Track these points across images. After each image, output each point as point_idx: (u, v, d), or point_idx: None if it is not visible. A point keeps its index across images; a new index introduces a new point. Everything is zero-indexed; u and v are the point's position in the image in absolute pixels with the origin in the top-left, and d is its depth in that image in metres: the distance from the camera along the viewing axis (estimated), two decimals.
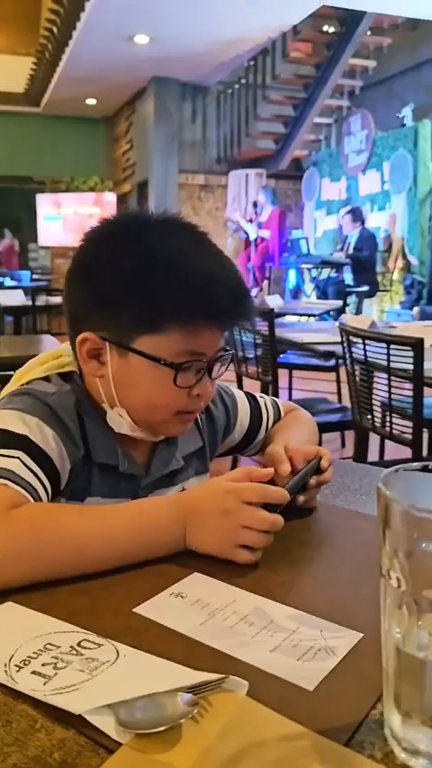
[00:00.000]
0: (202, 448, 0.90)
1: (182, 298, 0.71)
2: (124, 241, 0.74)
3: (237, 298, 0.75)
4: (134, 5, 6.32)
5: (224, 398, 0.94)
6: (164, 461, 0.84)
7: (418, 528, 0.39)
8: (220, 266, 0.74)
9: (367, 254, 6.46)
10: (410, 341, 1.53)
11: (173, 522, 0.67)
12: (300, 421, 1.00)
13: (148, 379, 0.74)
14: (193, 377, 0.75)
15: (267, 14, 6.55)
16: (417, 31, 8.05)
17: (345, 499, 0.85)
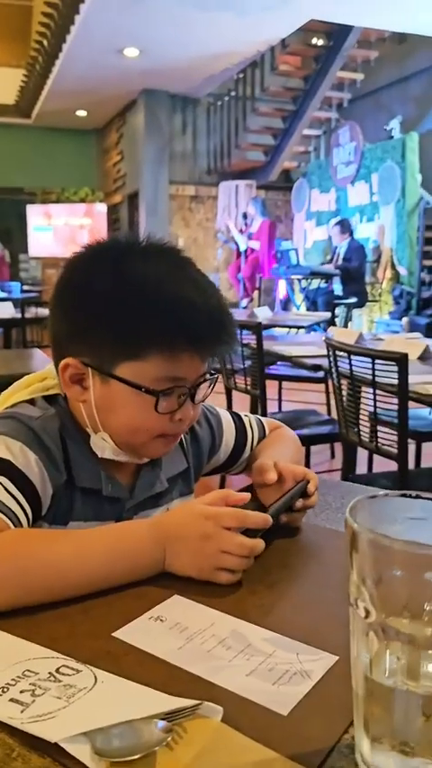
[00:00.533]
0: (187, 469, 0.91)
1: (161, 325, 0.72)
2: (105, 268, 0.75)
3: (217, 324, 0.75)
4: (123, 19, 6.38)
5: (209, 419, 0.95)
6: (148, 484, 0.84)
7: (384, 557, 0.40)
8: (202, 292, 0.74)
9: (356, 265, 6.52)
10: (395, 356, 1.55)
11: (152, 545, 0.68)
12: (284, 439, 1.01)
13: (129, 404, 0.74)
14: (175, 402, 0.75)
15: (256, 28, 6.62)
16: (403, 45, 8.16)
17: (326, 518, 0.86)
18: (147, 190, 9.03)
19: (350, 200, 7.61)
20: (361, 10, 6.27)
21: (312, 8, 6.18)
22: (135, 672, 0.53)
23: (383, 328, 6.18)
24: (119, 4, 6.04)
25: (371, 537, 0.39)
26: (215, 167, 9.17)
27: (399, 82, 8.53)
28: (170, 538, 0.68)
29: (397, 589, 0.41)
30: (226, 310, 0.78)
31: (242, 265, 7.16)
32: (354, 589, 0.42)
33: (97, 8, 6.13)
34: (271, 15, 6.28)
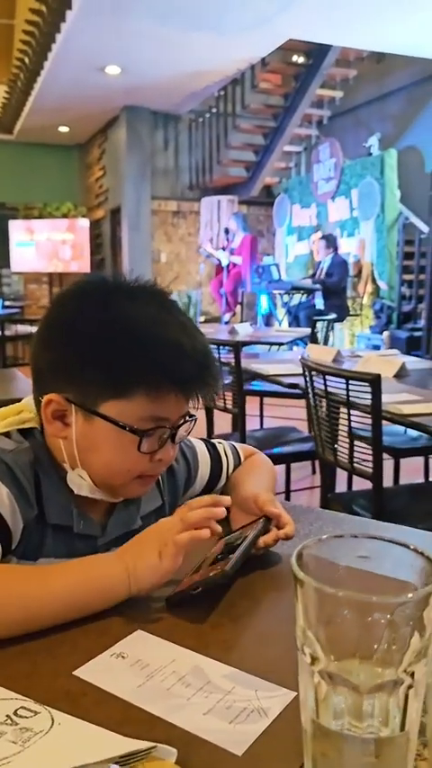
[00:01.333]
0: (162, 506, 0.91)
1: (149, 366, 0.73)
2: (93, 306, 0.75)
3: (203, 367, 0.76)
4: (104, 38, 6.44)
5: (184, 452, 0.95)
6: (121, 522, 0.84)
7: (328, 604, 0.41)
8: (189, 335, 0.76)
9: (336, 280, 6.58)
10: (368, 377, 1.57)
11: (115, 560, 0.70)
12: (259, 466, 1.02)
13: (111, 443, 0.75)
14: (156, 442, 0.76)
15: (235, 48, 6.71)
16: (381, 64, 8.31)
17: (293, 545, 0.87)
18: (129, 205, 9.07)
19: (331, 216, 7.70)
20: (339, 30, 6.39)
21: (291, 28, 6.28)
22: (93, 712, 0.53)
23: (365, 342, 6.23)
24: (99, 24, 6.10)
25: (315, 585, 0.40)
26: (197, 183, 9.24)
27: (377, 100, 8.68)
28: (131, 546, 0.71)
29: (342, 635, 0.41)
30: (210, 353, 0.80)
31: (224, 280, 7.20)
32: (300, 634, 0.42)
33: (78, 27, 6.18)
34: (250, 35, 6.38)
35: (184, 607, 0.69)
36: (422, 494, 2.00)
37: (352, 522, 0.96)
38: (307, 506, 1.02)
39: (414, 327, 5.82)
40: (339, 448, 1.76)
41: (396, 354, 2.97)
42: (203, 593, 0.69)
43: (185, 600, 0.69)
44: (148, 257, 9.30)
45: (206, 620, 0.67)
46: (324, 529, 0.92)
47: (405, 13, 5.75)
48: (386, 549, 0.46)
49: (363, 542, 0.47)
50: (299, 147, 9.22)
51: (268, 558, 0.81)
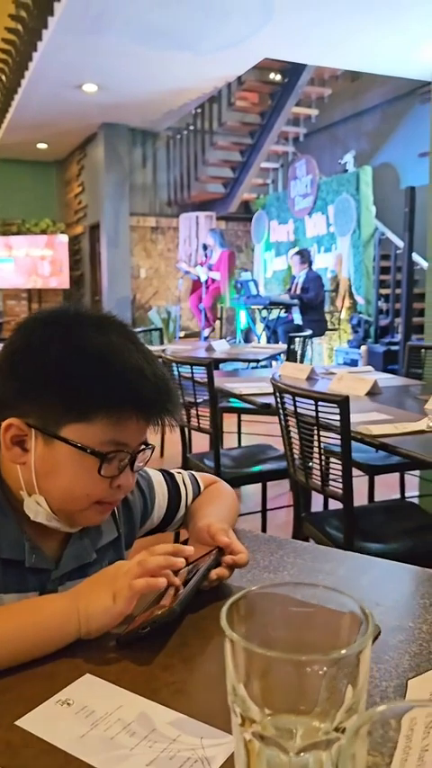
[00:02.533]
0: (118, 538, 0.90)
1: (111, 389, 0.73)
2: (57, 332, 0.76)
3: (164, 392, 0.77)
4: (81, 56, 6.48)
5: (140, 483, 0.94)
6: (75, 554, 0.83)
7: (258, 662, 0.40)
8: (149, 362, 0.77)
9: (313, 295, 6.64)
10: (337, 399, 1.57)
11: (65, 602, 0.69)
12: (218, 495, 1.02)
13: (71, 466, 0.74)
14: (116, 468, 0.76)
15: (212, 66, 6.78)
16: (356, 82, 8.47)
17: (252, 578, 0.86)
18: (107, 221, 9.08)
19: (308, 231, 7.77)
20: (313, 49, 6.49)
21: (266, 47, 6.37)
22: (33, 765, 0.51)
23: (343, 356, 6.28)
24: (76, 42, 6.13)
25: (244, 645, 0.39)
26: (175, 199, 9.29)
27: (352, 117, 8.82)
28: (84, 587, 0.71)
29: (276, 690, 0.41)
30: (170, 380, 0.81)
31: (203, 296, 7.22)
32: (230, 691, 0.42)
33: (55, 46, 6.21)
34: (226, 54, 6.45)
35: (135, 647, 0.68)
36: (394, 512, 2.00)
37: (314, 551, 0.95)
38: (269, 535, 1.01)
39: (391, 342, 5.88)
40: (309, 469, 1.75)
41: (370, 371, 2.99)
42: (156, 631, 0.68)
43: (136, 639, 0.68)
44: (128, 273, 9.31)
45: (156, 661, 0.66)
46: (285, 559, 0.92)
47: (379, 33, 5.86)
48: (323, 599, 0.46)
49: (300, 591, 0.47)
50: (276, 164, 9.33)
51: (222, 591, 0.80)
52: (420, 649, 0.68)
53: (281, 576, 0.86)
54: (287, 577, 0.86)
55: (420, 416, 1.87)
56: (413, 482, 3.17)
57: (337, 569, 0.88)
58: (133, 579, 0.68)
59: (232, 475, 2.48)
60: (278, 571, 0.88)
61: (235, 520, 1.00)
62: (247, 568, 0.89)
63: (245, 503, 3.47)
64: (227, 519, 0.95)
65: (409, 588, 0.84)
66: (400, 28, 5.67)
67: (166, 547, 0.72)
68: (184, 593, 0.70)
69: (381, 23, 5.67)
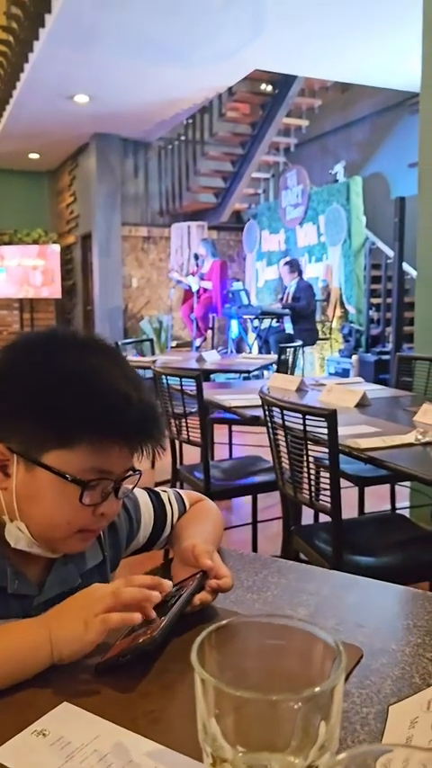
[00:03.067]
0: (103, 562, 0.88)
1: (96, 416, 0.72)
2: (41, 356, 0.75)
3: (149, 420, 0.76)
4: (72, 67, 6.50)
5: (126, 505, 0.93)
6: (59, 580, 0.82)
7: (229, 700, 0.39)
8: (136, 388, 0.76)
9: (305, 304, 6.66)
10: (324, 413, 1.57)
11: (36, 626, 0.68)
12: (205, 514, 1.01)
13: (53, 494, 0.73)
14: (99, 495, 0.75)
15: (203, 77, 6.82)
16: (346, 93, 8.54)
17: (236, 599, 0.85)
18: (99, 231, 9.09)
19: (299, 241, 7.80)
20: (303, 61, 6.55)
21: (256, 59, 6.42)
22: None
23: (334, 366, 6.29)
24: (67, 54, 6.16)
25: (215, 684, 0.39)
26: (167, 209, 9.32)
27: (343, 128, 8.89)
28: (56, 612, 0.69)
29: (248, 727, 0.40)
30: (156, 407, 0.80)
31: (195, 305, 7.23)
32: (201, 728, 0.41)
33: (46, 57, 6.23)
34: (217, 66, 6.50)
35: (114, 674, 0.67)
36: (384, 525, 1.99)
37: (298, 570, 0.94)
38: (254, 554, 1.00)
39: (382, 351, 5.89)
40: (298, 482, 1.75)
41: (360, 382, 2.99)
42: (135, 657, 0.67)
43: (115, 667, 0.67)
44: (119, 282, 9.31)
45: (135, 688, 0.65)
46: (269, 579, 0.91)
47: (368, 44, 5.92)
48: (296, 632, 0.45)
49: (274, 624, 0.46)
50: (267, 174, 9.38)
51: (205, 614, 0.79)
52: (402, 673, 0.67)
53: (264, 597, 0.86)
54: (270, 598, 0.85)
55: (409, 429, 1.87)
56: (404, 493, 3.17)
57: (321, 589, 0.87)
58: (106, 609, 0.66)
59: (222, 487, 2.47)
60: (262, 591, 0.87)
61: (220, 539, 0.99)
62: (232, 589, 0.88)
63: (236, 514, 3.46)
64: (212, 539, 0.94)
65: (394, 608, 0.83)
66: (389, 41, 5.73)
67: (144, 579, 0.71)
68: (167, 621, 0.69)
69: (369, 36, 5.73)
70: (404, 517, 2.08)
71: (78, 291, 10.57)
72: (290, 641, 0.44)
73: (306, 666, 0.43)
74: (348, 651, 0.71)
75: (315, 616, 0.80)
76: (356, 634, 0.76)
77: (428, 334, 3.30)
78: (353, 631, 0.76)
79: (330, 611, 0.81)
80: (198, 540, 0.88)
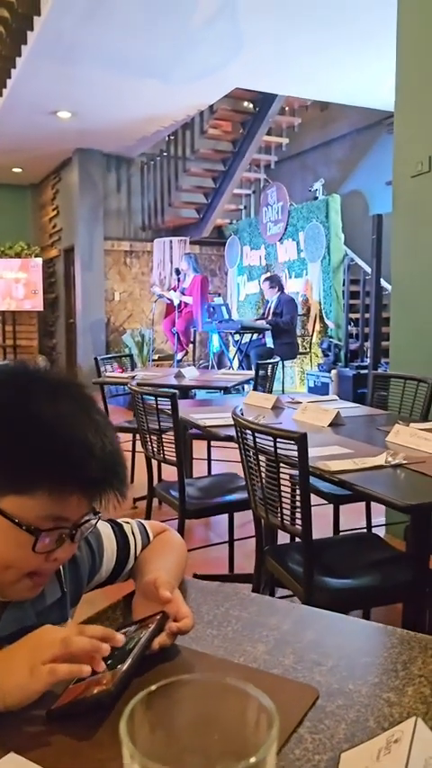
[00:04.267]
0: (62, 598, 0.87)
1: (55, 465, 0.71)
2: (7, 397, 0.73)
3: (110, 471, 0.75)
4: (54, 84, 6.52)
5: (88, 539, 0.92)
6: (14, 618, 0.80)
7: None
8: (100, 436, 0.74)
9: (288, 318, 6.70)
10: (295, 436, 1.57)
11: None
12: (168, 546, 1.00)
13: (5, 539, 0.72)
14: (54, 542, 0.74)
15: (184, 94, 6.88)
16: (325, 112, 8.66)
17: (195, 635, 0.84)
18: (82, 245, 9.09)
19: (280, 257, 7.86)
20: (283, 80, 6.64)
21: (237, 77, 6.49)
22: None
23: (314, 380, 6.32)
24: (49, 71, 6.18)
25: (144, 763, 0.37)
26: (150, 224, 9.35)
27: (322, 146, 9.01)
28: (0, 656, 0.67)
29: None
30: (120, 455, 0.78)
31: (176, 320, 7.24)
32: None
33: (28, 73, 6.25)
34: (197, 84, 6.56)
35: (64, 722, 0.65)
36: (356, 545, 1.99)
37: (260, 603, 0.94)
38: (217, 584, 0.99)
39: (360, 365, 5.94)
40: (270, 504, 1.75)
41: (335, 400, 3.01)
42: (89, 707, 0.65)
43: (67, 715, 0.65)
44: (102, 296, 9.30)
45: (87, 737, 0.64)
46: (230, 612, 0.90)
47: (346, 65, 6.02)
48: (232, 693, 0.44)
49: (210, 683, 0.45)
50: (248, 191, 9.46)
51: (165, 654, 0.78)
52: (357, 716, 0.67)
53: (224, 633, 0.85)
54: (231, 633, 0.85)
55: (381, 450, 1.88)
56: (380, 509, 3.18)
57: (281, 624, 0.87)
58: (54, 657, 0.65)
59: (197, 506, 2.46)
60: (222, 626, 0.87)
61: (183, 571, 0.98)
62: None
63: (215, 530, 3.44)
64: (174, 572, 0.93)
65: (354, 644, 0.83)
66: (366, 61, 5.83)
67: (96, 630, 0.70)
68: (124, 672, 0.68)
69: (347, 56, 5.83)
70: (377, 537, 2.09)
71: (61, 304, 10.53)
72: (225, 702, 0.43)
73: (241, 729, 0.42)
74: (304, 692, 0.71)
75: (274, 653, 0.80)
76: (314, 673, 0.75)
77: (403, 352, 3.33)
78: (310, 670, 0.76)
79: (289, 648, 0.81)
80: (161, 573, 0.87)
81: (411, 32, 3.24)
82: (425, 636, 0.83)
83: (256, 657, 0.79)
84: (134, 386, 2.55)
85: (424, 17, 3.13)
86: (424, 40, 3.14)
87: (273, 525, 1.76)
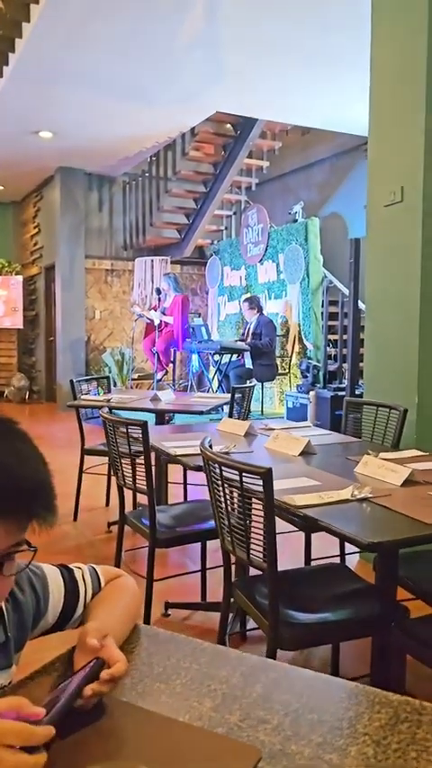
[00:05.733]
0: (5, 643, 0.85)
1: None
2: None
3: (34, 495, 0.74)
4: (36, 104, 6.56)
5: (32, 582, 0.91)
6: None
7: None
8: (22, 461, 0.74)
9: (267, 341, 6.74)
10: (259, 471, 1.57)
11: None
12: (119, 593, 0.98)
13: None
14: None
15: (166, 117, 6.96)
16: (306, 136, 8.79)
17: (143, 690, 0.83)
18: (63, 263, 9.08)
19: (260, 278, 7.93)
20: (263, 105, 6.75)
21: (218, 101, 6.58)
22: None
23: (292, 401, 6.35)
24: (31, 91, 6.21)
25: None
26: (131, 243, 9.38)
27: (303, 169, 9.13)
28: None
29: None
30: (47, 483, 0.77)
31: (156, 339, 7.24)
32: None
33: (9, 94, 6.28)
34: (179, 107, 6.64)
35: None
36: (324, 576, 1.99)
37: (212, 654, 0.92)
38: (170, 633, 0.98)
39: (339, 387, 5.98)
40: (238, 537, 1.74)
41: (309, 427, 3.02)
42: None
43: None
44: (82, 314, 9.28)
45: None
46: (180, 664, 0.89)
47: (326, 91, 6.13)
48: None
49: None
50: (229, 212, 9.55)
51: (108, 713, 0.77)
52: None
53: (172, 687, 0.84)
54: (179, 688, 0.83)
55: (349, 482, 1.88)
56: None
57: (231, 676, 0.86)
58: None
59: (168, 535, 2.44)
60: (171, 680, 0.85)
61: (133, 619, 0.97)
62: (139, 677, 0.86)
63: (190, 556, 3.41)
64: (121, 621, 0.92)
65: (301, 699, 0.82)
66: (344, 87, 5.95)
67: (11, 701, 0.68)
68: (49, 719, 0.66)
69: (325, 83, 5.95)
70: (345, 568, 2.08)
71: (41, 322, 10.49)
72: None
73: None
74: (246, 754, 0.70)
75: (220, 709, 0.79)
76: (258, 731, 0.74)
77: (377, 380, 3.36)
78: (255, 728, 0.75)
79: (236, 704, 0.80)
80: (94, 622, 0.86)
81: (383, 64, 3.31)
82: (374, 689, 0.83)
83: (201, 715, 0.78)
84: (105, 413, 2.54)
85: (395, 48, 3.21)
86: (395, 71, 3.21)
87: (239, 559, 1.75)
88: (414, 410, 3.01)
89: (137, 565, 3.20)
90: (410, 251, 3.08)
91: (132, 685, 0.84)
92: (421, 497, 1.72)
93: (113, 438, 2.51)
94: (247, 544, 1.69)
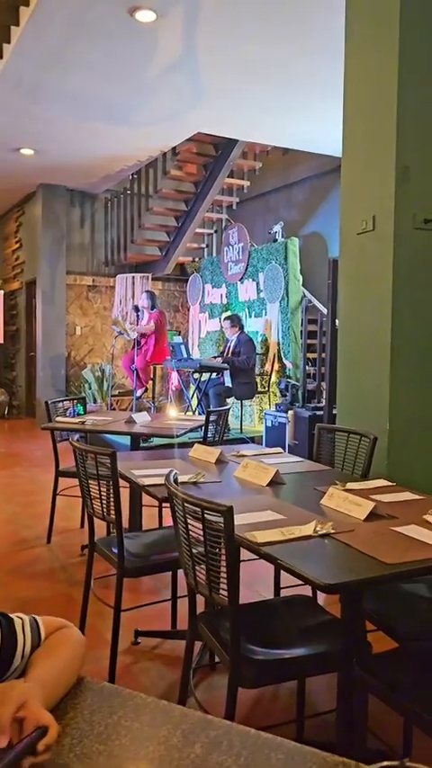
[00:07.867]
0: None
1: None
2: None
3: None
4: (16, 123, 6.58)
5: None
6: None
7: None
8: None
9: (245, 359, 6.76)
10: (221, 509, 1.57)
11: None
12: (60, 648, 0.98)
13: None
14: None
15: (146, 137, 7.01)
16: (287, 156, 8.90)
17: (81, 752, 0.82)
18: (44, 278, 9.07)
19: (240, 296, 7.97)
20: (243, 126, 6.83)
21: (198, 122, 6.65)
22: None
23: (271, 420, 6.36)
24: (11, 110, 6.23)
25: None
26: (113, 259, 9.40)
27: (283, 188, 9.23)
28: None
29: None
30: None
31: (135, 356, 7.24)
32: None
33: None
34: (160, 126, 6.69)
35: None
36: (289, 609, 1.99)
37: (155, 710, 0.92)
38: (115, 687, 0.98)
39: (317, 406, 6.00)
40: (199, 573, 1.74)
41: (280, 453, 3.03)
42: None
43: None
44: (63, 330, 9.26)
45: None
46: (122, 723, 0.88)
47: (305, 113, 6.22)
48: None
49: None
50: (210, 230, 9.62)
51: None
52: None
53: (111, 748, 0.83)
54: (117, 749, 0.83)
55: (313, 515, 1.89)
56: None
57: (171, 735, 0.86)
58: None
59: (137, 564, 2.43)
60: (111, 740, 0.85)
61: (75, 673, 0.96)
62: (79, 737, 0.86)
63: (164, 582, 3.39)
64: (58, 676, 0.91)
65: (239, 761, 0.82)
66: (321, 109, 6.04)
67: None
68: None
69: (303, 105, 6.04)
70: (311, 600, 2.09)
71: (22, 337, 10.44)
72: None
73: None
74: None
75: None
76: None
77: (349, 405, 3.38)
78: None
79: (172, 767, 0.79)
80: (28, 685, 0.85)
81: (355, 95, 3.37)
82: (314, 751, 0.83)
83: None
84: (75, 441, 2.53)
85: (367, 79, 3.27)
86: (367, 102, 3.26)
87: (201, 594, 1.75)
88: (385, 436, 3.03)
89: (108, 591, 3.18)
90: (382, 280, 3.12)
91: (71, 746, 0.84)
92: (382, 533, 1.73)
93: (83, 466, 2.50)
94: (208, 579, 1.69)
